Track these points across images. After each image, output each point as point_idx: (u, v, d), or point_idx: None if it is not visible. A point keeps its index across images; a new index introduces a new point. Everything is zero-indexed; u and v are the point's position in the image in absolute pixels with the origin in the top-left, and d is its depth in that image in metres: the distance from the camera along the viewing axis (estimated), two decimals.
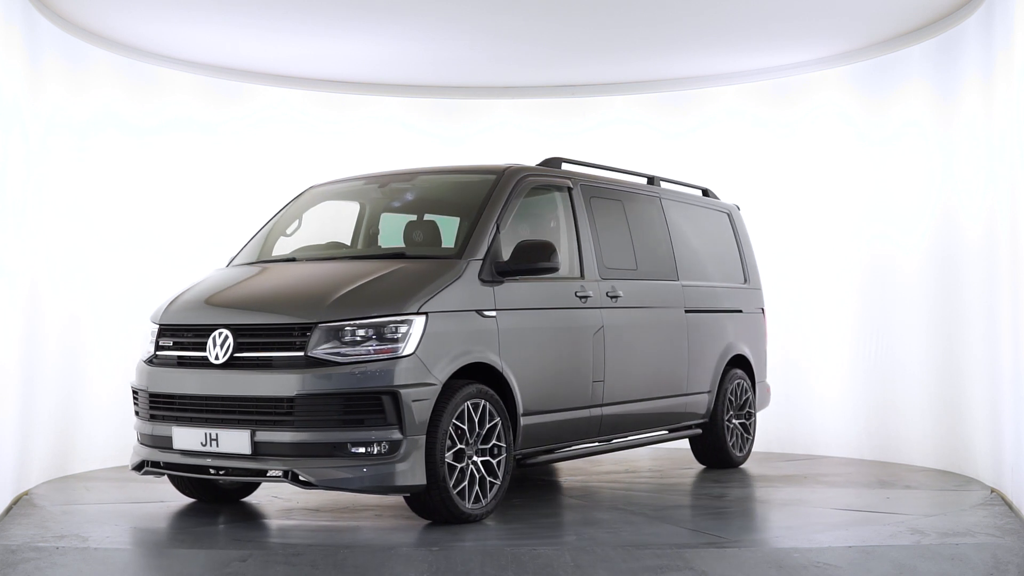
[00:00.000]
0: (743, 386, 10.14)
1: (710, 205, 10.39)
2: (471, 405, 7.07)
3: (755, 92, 11.92)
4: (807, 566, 6.13)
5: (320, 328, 6.76)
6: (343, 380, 6.63)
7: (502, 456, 7.26)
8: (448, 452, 6.89)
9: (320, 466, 6.62)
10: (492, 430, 7.23)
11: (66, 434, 9.50)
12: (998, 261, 8.61)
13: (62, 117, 9.64)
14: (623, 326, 8.52)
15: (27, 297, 8.71)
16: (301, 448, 6.66)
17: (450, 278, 7.14)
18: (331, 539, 6.80)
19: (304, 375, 6.68)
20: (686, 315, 9.34)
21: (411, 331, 6.80)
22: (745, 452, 10.19)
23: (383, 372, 6.66)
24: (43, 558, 6.25)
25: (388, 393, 6.64)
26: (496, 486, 7.23)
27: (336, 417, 6.63)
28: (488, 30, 10.37)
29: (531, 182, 8.07)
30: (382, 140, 12.19)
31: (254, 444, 6.76)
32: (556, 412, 7.90)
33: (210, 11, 9.68)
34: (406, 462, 6.65)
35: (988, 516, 7.61)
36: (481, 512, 7.13)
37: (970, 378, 9.52)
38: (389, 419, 6.64)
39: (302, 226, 8.51)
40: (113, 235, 10.41)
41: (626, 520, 7.49)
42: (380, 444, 6.62)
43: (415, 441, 6.70)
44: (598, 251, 8.44)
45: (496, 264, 7.42)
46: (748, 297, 10.45)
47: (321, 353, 6.72)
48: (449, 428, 6.87)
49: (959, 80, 9.70)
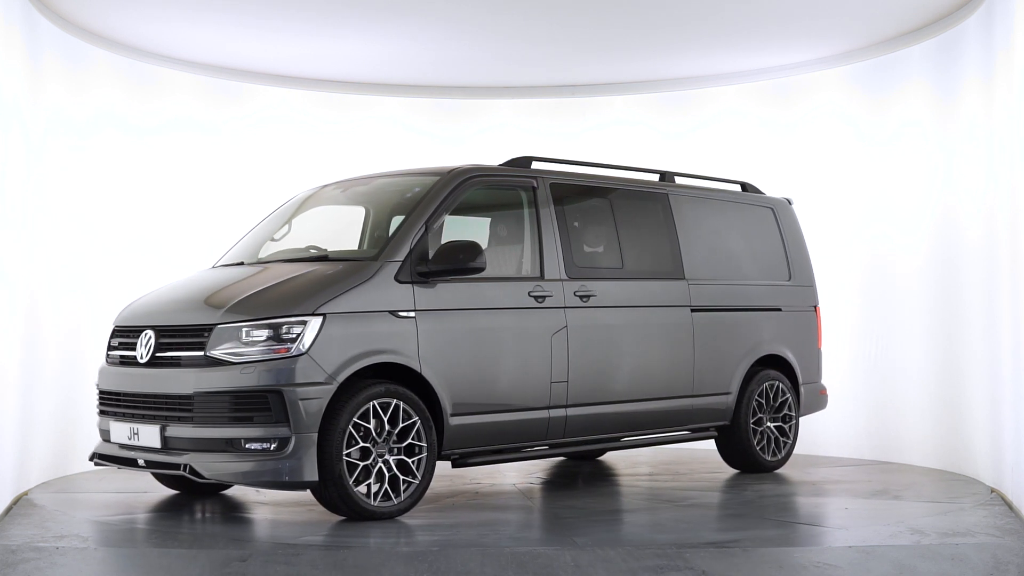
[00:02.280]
0: (779, 388, 9.74)
1: (747, 200, 10.07)
2: (379, 404, 7.18)
3: (755, 92, 11.92)
4: (807, 566, 6.13)
5: (218, 329, 7.10)
6: (234, 379, 6.95)
7: (421, 456, 7.33)
8: (353, 449, 7.07)
9: (216, 461, 6.96)
10: (409, 429, 7.31)
11: (66, 434, 9.50)
12: (998, 261, 8.61)
13: (62, 117, 9.64)
14: (596, 326, 8.41)
15: (27, 297, 8.71)
16: (200, 443, 7.02)
17: (358, 280, 7.28)
18: (331, 539, 6.80)
19: (201, 374, 7.05)
20: (692, 314, 9.13)
21: (305, 332, 7.01)
22: (781, 457, 9.77)
23: (271, 371, 6.93)
24: (43, 558, 6.25)
25: (274, 392, 6.88)
26: (413, 485, 7.32)
27: (229, 414, 6.96)
28: (488, 30, 10.37)
29: (477, 183, 8.07)
30: (382, 140, 12.19)
31: (164, 439, 7.17)
32: (500, 413, 7.87)
33: (210, 11, 9.69)
34: (295, 458, 6.87)
35: (988, 516, 7.61)
36: (393, 510, 7.24)
37: (970, 378, 9.52)
38: (277, 417, 6.88)
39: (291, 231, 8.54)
40: (113, 235, 10.41)
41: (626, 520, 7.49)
42: (269, 441, 6.88)
43: (306, 438, 6.89)
44: (566, 250, 8.36)
45: (418, 265, 7.48)
46: (792, 295, 10.04)
47: (219, 353, 7.05)
48: (349, 427, 7.03)
49: (959, 80, 9.70)
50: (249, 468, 6.89)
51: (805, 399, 10.05)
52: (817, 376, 10.22)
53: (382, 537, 6.80)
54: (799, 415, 10.00)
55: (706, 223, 9.54)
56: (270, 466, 6.87)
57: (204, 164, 11.32)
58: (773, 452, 9.71)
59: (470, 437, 7.71)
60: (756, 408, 9.57)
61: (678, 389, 9.04)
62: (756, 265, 9.84)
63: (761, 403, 9.61)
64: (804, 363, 10.03)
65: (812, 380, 10.15)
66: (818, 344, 10.23)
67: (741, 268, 9.70)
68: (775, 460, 9.73)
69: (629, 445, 9.05)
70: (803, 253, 10.29)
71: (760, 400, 9.60)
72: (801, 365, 9.98)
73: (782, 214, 10.25)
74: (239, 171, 11.53)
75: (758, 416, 9.58)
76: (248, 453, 6.90)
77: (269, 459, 6.87)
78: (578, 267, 8.42)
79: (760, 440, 9.60)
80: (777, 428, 9.76)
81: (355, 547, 6.52)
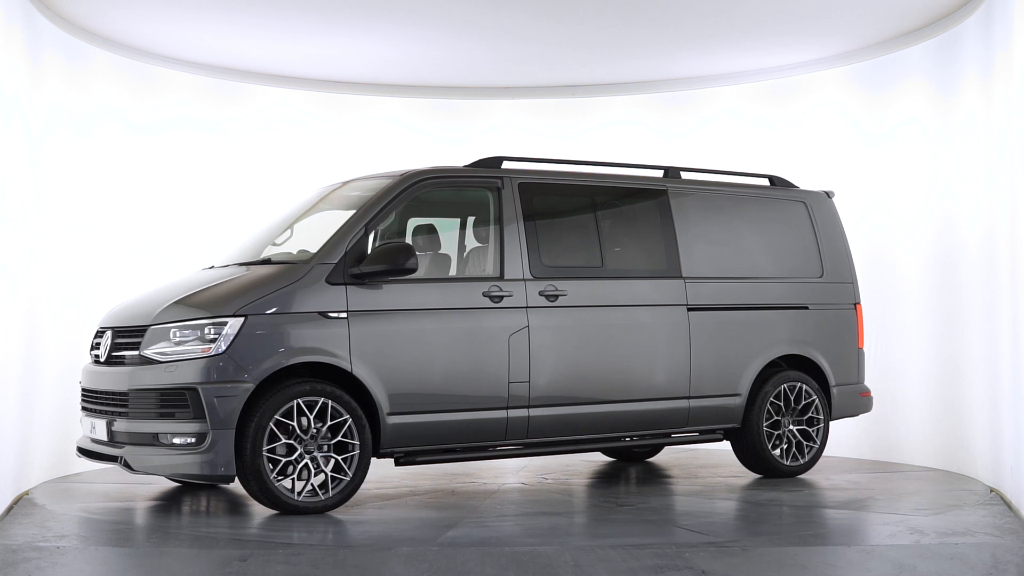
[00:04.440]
0: (802, 389, 9.40)
1: (772, 195, 9.76)
2: (304, 403, 7.40)
3: (755, 92, 11.92)
4: (807, 566, 6.14)
5: (151, 330, 7.56)
6: (159, 377, 7.42)
7: (353, 453, 7.54)
8: (279, 445, 7.37)
9: (145, 454, 7.41)
10: (340, 427, 7.54)
11: (66, 434, 9.49)
12: (998, 261, 8.61)
13: (61, 116, 9.63)
14: (564, 326, 8.38)
15: (27, 296, 8.71)
16: (134, 437, 7.49)
17: (286, 282, 7.56)
18: (331, 539, 6.81)
19: (134, 372, 7.54)
20: (690, 313, 8.98)
21: (225, 332, 7.36)
22: (804, 462, 9.39)
23: (190, 370, 7.32)
24: (43, 558, 6.25)
25: (191, 389, 7.27)
26: (343, 482, 7.54)
27: (156, 410, 7.41)
28: (488, 30, 10.37)
29: (429, 186, 8.18)
30: (382, 141, 12.18)
31: (110, 432, 7.67)
32: (447, 412, 7.95)
33: (210, 11, 9.69)
34: (212, 453, 7.24)
35: (987, 516, 7.62)
36: (319, 506, 7.47)
37: (970, 378, 9.52)
38: (195, 413, 7.27)
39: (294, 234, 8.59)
40: (113, 235, 10.41)
41: (626, 520, 7.50)
42: (187, 436, 7.28)
43: (223, 434, 7.25)
44: (532, 250, 8.36)
45: (350, 268, 7.67)
46: (825, 292, 9.67)
47: (150, 352, 7.51)
48: (270, 424, 7.33)
49: (959, 80, 9.70)
50: (172, 461, 7.33)
51: (839, 402, 9.64)
52: (856, 377, 9.83)
53: (382, 537, 6.81)
54: (830, 418, 9.60)
55: (715, 219, 9.33)
56: (189, 460, 7.27)
57: (204, 164, 11.31)
58: (794, 456, 9.37)
59: (413, 436, 7.85)
60: (771, 410, 9.28)
61: (670, 390, 8.86)
62: (778, 261, 9.54)
63: (779, 405, 9.30)
64: (837, 363, 9.66)
65: (848, 381, 9.75)
66: (858, 344, 9.84)
67: (757, 265, 9.42)
68: (796, 465, 9.38)
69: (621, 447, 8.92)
70: (841, 248, 9.90)
71: (777, 402, 9.29)
72: (833, 366, 9.62)
73: (817, 208, 9.89)
74: (239, 171, 11.53)
75: (775, 419, 9.28)
76: (171, 447, 7.31)
77: (188, 453, 7.27)
78: (546, 267, 8.41)
79: (778, 444, 9.31)
80: (801, 432, 9.42)
81: (355, 547, 6.52)
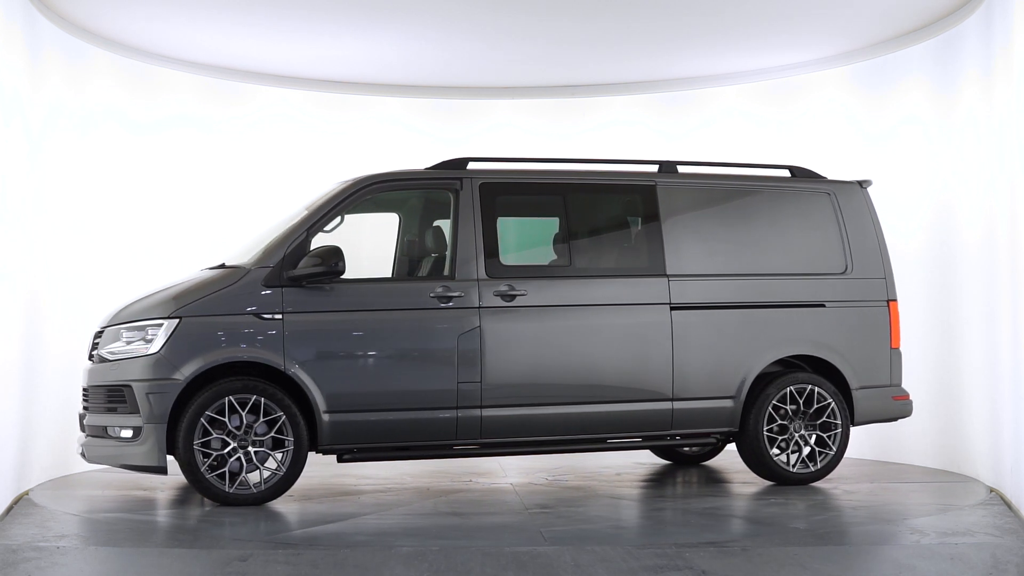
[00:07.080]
0: (813, 392, 8.84)
1: (791, 187, 9.22)
2: (237, 400, 7.81)
3: (755, 92, 11.92)
4: (807, 566, 6.14)
5: (106, 331, 8.16)
6: (103, 375, 8.03)
7: (288, 449, 7.90)
8: (214, 438, 7.79)
9: (95, 445, 8.04)
10: (275, 424, 7.91)
11: (66, 434, 9.49)
12: (999, 260, 8.61)
13: (61, 116, 9.63)
14: (521, 326, 8.33)
15: (27, 296, 8.72)
16: (91, 430, 8.13)
17: (222, 285, 8.00)
18: (331, 539, 6.81)
19: (92, 370, 8.18)
20: (673, 313, 8.61)
21: (160, 333, 7.86)
22: (816, 469, 8.82)
23: (128, 368, 7.88)
24: (43, 558, 6.25)
25: (127, 386, 7.83)
26: (276, 476, 7.91)
27: (103, 405, 8.01)
28: (488, 30, 10.37)
29: (379, 189, 8.37)
30: (382, 140, 12.18)
31: (82, 425, 8.30)
32: (390, 411, 8.09)
33: (210, 11, 9.69)
34: (145, 445, 7.77)
35: (987, 516, 7.62)
36: (250, 497, 7.85)
37: (970, 378, 9.52)
38: (132, 408, 7.83)
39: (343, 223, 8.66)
40: (113, 235, 10.41)
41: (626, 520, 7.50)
42: (127, 429, 7.85)
43: (155, 428, 7.75)
44: (489, 250, 8.35)
45: (287, 271, 8.01)
46: (849, 288, 9.06)
47: (104, 352, 8.09)
48: (202, 419, 7.77)
49: (959, 80, 9.70)
50: (116, 453, 7.93)
51: (864, 406, 9.01)
52: (886, 379, 9.12)
53: (382, 537, 6.81)
54: (851, 423, 8.98)
55: (712, 215, 8.95)
56: (127, 451, 7.85)
57: (204, 163, 11.31)
58: (803, 463, 8.83)
59: (352, 434, 8.07)
60: (774, 414, 8.78)
61: (648, 392, 8.56)
62: (789, 257, 9.01)
63: (785, 409, 8.79)
64: (861, 365, 9.02)
65: (876, 384, 9.09)
66: (891, 343, 9.14)
67: (761, 261, 8.94)
68: (805, 472, 8.82)
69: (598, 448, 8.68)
70: (872, 242, 9.24)
71: (781, 405, 8.78)
72: (856, 367, 9.00)
73: (846, 199, 9.25)
74: (239, 171, 11.53)
75: (779, 423, 8.78)
76: (117, 440, 7.90)
77: (127, 445, 7.85)
78: (505, 267, 8.41)
79: (783, 449, 8.81)
80: (817, 438, 8.87)
81: (355, 547, 6.52)
